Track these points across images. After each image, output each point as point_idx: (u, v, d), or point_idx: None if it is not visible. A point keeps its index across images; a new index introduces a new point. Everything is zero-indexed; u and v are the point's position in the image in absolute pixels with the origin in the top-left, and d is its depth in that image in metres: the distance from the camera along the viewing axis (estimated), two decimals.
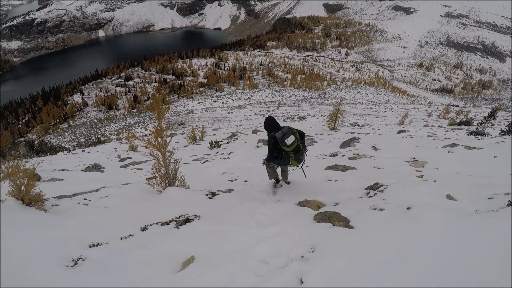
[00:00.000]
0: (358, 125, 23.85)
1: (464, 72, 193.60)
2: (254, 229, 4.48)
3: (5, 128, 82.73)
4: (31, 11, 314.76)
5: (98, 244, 3.84)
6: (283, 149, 5.90)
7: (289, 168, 6.85)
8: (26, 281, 2.81)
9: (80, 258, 3.40)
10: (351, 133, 17.39)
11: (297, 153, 5.97)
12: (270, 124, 6.37)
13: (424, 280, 2.45)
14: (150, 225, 4.61)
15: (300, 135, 6.13)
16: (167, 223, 4.65)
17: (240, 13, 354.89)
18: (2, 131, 74.19)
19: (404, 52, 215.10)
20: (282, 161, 6.17)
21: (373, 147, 11.18)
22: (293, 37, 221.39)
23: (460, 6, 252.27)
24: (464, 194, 4.66)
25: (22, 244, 3.46)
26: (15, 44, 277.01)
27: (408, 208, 4.28)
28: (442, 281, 2.38)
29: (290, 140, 5.75)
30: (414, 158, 8.25)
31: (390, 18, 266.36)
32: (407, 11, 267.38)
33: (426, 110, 46.76)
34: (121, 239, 4.10)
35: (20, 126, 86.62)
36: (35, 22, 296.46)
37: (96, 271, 3.13)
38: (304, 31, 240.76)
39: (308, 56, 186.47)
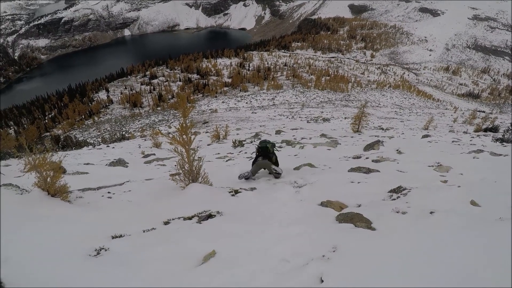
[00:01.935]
0: (382, 129, 23.55)
1: (492, 77, 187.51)
2: (276, 228, 4.45)
3: (32, 122, 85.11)
4: (58, 10, 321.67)
5: (121, 236, 3.92)
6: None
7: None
8: (48, 270, 2.89)
9: (103, 249, 3.47)
10: (375, 136, 17.20)
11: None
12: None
13: (445, 282, 2.44)
14: (173, 219, 4.68)
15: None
16: (190, 218, 4.71)
17: (265, 13, 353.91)
18: (29, 125, 76.42)
19: (430, 55, 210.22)
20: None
21: (397, 150, 11.03)
22: (318, 38, 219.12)
23: (488, 8, 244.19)
24: (488, 201, 4.57)
25: (46, 234, 3.56)
26: (42, 42, 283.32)
27: (431, 213, 4.22)
28: (461, 282, 2.42)
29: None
30: (438, 163, 8.10)
31: (417, 20, 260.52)
32: (434, 13, 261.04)
33: (451, 115, 45.83)
34: (144, 231, 4.16)
35: (46, 121, 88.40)
36: (62, 21, 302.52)
37: (117, 263, 3.20)
38: (329, 32, 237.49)
39: (333, 57, 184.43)
